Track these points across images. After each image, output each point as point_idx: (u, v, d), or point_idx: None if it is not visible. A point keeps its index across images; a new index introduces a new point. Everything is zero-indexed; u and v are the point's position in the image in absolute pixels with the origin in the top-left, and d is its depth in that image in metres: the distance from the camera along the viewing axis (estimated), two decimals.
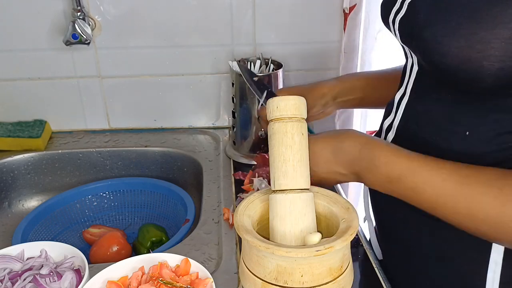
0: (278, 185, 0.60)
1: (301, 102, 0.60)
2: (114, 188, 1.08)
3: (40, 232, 0.97)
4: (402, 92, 0.71)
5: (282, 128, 0.59)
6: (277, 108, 0.60)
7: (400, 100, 0.71)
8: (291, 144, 0.59)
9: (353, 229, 0.56)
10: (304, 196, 0.59)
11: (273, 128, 0.60)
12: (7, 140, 1.09)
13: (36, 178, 1.11)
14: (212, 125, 1.23)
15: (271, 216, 0.60)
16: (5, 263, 0.67)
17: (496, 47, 0.51)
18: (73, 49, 1.10)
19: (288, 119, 0.59)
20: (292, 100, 0.59)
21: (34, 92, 1.15)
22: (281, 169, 0.59)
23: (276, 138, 0.60)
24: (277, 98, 0.60)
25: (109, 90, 1.16)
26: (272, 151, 0.60)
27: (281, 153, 0.59)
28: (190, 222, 0.89)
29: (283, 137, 0.59)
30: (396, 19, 0.65)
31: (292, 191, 0.59)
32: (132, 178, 1.10)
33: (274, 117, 0.60)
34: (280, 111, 0.59)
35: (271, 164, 0.60)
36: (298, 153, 0.59)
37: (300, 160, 0.59)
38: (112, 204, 1.08)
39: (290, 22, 1.12)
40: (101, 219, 1.07)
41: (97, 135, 1.18)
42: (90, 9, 1.07)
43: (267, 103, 0.61)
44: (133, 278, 0.61)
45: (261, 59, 1.05)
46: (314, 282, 0.55)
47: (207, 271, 0.62)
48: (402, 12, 0.64)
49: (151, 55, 1.13)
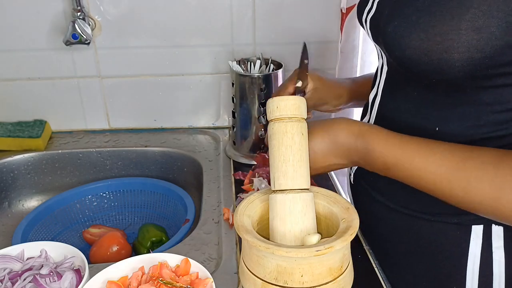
0: (278, 185, 0.60)
1: (301, 102, 0.60)
2: (114, 188, 1.08)
3: (40, 232, 0.97)
4: (375, 93, 0.72)
5: (282, 128, 0.59)
6: (277, 108, 0.60)
7: (374, 100, 0.73)
8: (291, 144, 0.59)
9: (353, 229, 0.56)
10: (304, 196, 0.59)
11: (273, 128, 0.60)
12: (7, 140, 1.09)
13: (36, 178, 1.11)
14: (212, 125, 1.23)
15: (271, 216, 0.61)
16: (5, 263, 0.67)
17: (454, 38, 0.52)
18: (73, 49, 1.10)
19: (288, 119, 0.59)
20: (292, 100, 0.59)
21: (34, 92, 1.15)
22: (281, 169, 0.59)
23: (276, 138, 0.60)
24: (277, 98, 0.60)
25: (109, 90, 1.16)
26: (272, 151, 0.60)
27: (281, 153, 0.59)
28: (190, 222, 0.90)
29: (283, 137, 0.59)
30: (367, 18, 0.67)
31: (292, 191, 0.59)
32: (132, 178, 1.10)
33: (274, 117, 0.60)
34: (280, 111, 0.59)
35: (271, 164, 0.61)
36: (298, 153, 0.59)
37: (300, 160, 0.59)
38: (112, 204, 1.08)
39: (290, 22, 1.12)
40: (102, 219, 1.07)
41: (97, 135, 1.18)
42: (90, 9, 1.07)
43: (267, 103, 0.61)
44: (133, 278, 0.61)
45: (261, 59, 1.05)
46: (314, 282, 0.55)
47: (207, 271, 0.62)
48: (372, 11, 0.66)
49: (151, 55, 1.13)
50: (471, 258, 0.62)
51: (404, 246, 0.70)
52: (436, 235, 0.65)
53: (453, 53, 0.52)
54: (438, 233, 0.65)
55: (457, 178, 0.54)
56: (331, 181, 0.99)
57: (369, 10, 0.67)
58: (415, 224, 0.67)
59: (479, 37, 0.51)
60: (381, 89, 0.71)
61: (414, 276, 0.70)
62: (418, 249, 0.68)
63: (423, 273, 0.69)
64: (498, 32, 0.50)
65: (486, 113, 0.57)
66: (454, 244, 0.63)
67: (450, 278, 0.65)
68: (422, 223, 0.66)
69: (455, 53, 0.52)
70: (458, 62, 0.53)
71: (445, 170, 0.55)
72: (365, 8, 0.68)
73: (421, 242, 0.67)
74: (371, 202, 0.73)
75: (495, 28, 0.50)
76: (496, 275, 0.61)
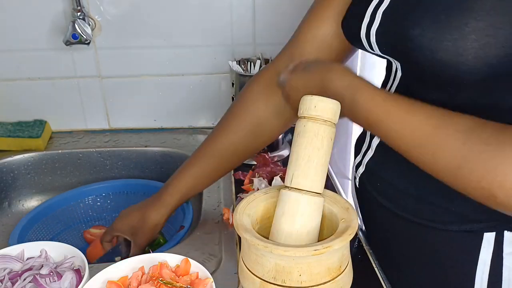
0: (296, 183, 0.59)
1: (338, 108, 0.59)
2: (116, 190, 1.08)
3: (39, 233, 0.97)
4: None
5: (315, 128, 0.58)
6: (314, 107, 0.58)
7: None
8: (319, 147, 0.58)
9: (352, 229, 0.56)
10: (317, 201, 0.59)
11: (304, 126, 0.59)
12: (7, 140, 1.09)
13: (36, 178, 1.11)
14: (212, 125, 1.23)
15: (280, 212, 0.60)
16: (5, 263, 0.66)
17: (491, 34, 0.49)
18: (73, 49, 1.10)
19: (322, 122, 0.58)
20: (332, 104, 0.58)
21: (34, 92, 1.15)
22: (303, 169, 0.59)
23: (306, 136, 0.59)
24: (316, 97, 0.59)
25: (109, 90, 1.17)
26: (298, 148, 0.59)
27: (307, 153, 0.58)
28: (185, 230, 0.88)
29: (313, 138, 0.58)
30: (370, 32, 0.63)
31: (308, 192, 0.59)
32: (135, 180, 1.10)
33: (309, 115, 0.59)
34: (317, 111, 0.58)
35: (292, 160, 0.59)
36: (323, 158, 0.59)
37: (323, 164, 0.59)
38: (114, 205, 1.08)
39: (290, 22, 1.12)
40: (104, 219, 1.06)
41: (97, 135, 1.18)
42: (90, 9, 1.07)
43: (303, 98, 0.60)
44: (133, 278, 0.61)
45: (261, 59, 1.05)
46: (312, 282, 0.54)
47: (207, 271, 0.62)
48: (375, 23, 0.62)
49: (151, 55, 1.13)
50: (480, 265, 0.61)
51: (410, 252, 0.69)
52: (444, 243, 0.64)
53: (491, 49, 0.50)
54: (447, 241, 0.63)
55: (429, 142, 0.53)
56: (331, 181, 0.99)
57: (369, 23, 0.63)
58: (423, 231, 0.65)
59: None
60: None
61: (419, 282, 0.69)
62: (425, 255, 0.67)
63: (429, 279, 0.68)
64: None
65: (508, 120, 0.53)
66: (464, 252, 0.62)
67: (457, 285, 0.64)
68: (430, 231, 0.64)
69: (493, 49, 0.50)
70: (494, 59, 0.50)
71: (418, 135, 0.54)
72: (362, 23, 0.64)
73: (428, 249, 0.66)
74: (377, 208, 0.72)
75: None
76: (505, 281, 0.61)
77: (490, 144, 0.48)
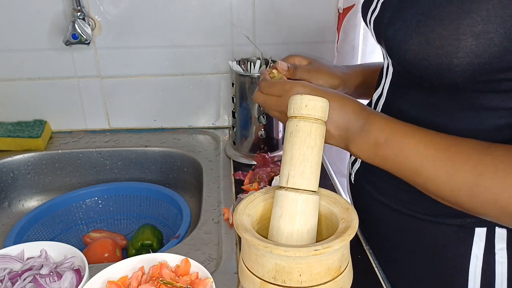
0: (293, 183, 0.59)
1: (327, 105, 0.60)
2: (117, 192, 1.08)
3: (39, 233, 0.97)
4: (379, 93, 0.72)
5: (308, 127, 0.59)
6: (305, 106, 0.59)
7: (378, 100, 0.72)
8: (313, 146, 0.59)
9: (352, 230, 0.56)
10: (314, 199, 0.59)
11: (297, 125, 0.59)
12: (7, 140, 1.09)
13: (36, 178, 1.11)
14: (212, 125, 1.23)
15: (277, 213, 0.60)
16: (5, 263, 0.67)
17: (453, 43, 0.52)
18: (73, 49, 1.10)
19: (314, 120, 0.59)
20: (321, 102, 0.59)
21: (34, 92, 1.15)
22: (299, 168, 0.59)
23: (299, 136, 0.59)
24: (306, 96, 0.59)
25: (109, 90, 1.17)
26: (292, 148, 0.59)
27: (301, 152, 0.59)
28: (180, 238, 0.88)
29: (307, 137, 0.59)
30: (371, 19, 0.67)
31: (305, 191, 0.59)
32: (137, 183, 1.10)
33: (300, 115, 0.59)
34: (308, 110, 0.59)
35: (287, 160, 0.60)
36: (317, 156, 0.59)
37: (317, 162, 0.59)
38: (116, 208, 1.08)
39: (290, 22, 1.12)
40: (105, 221, 1.07)
41: (97, 135, 1.18)
42: (90, 9, 1.07)
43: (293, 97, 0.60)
44: (133, 278, 0.61)
45: (261, 59, 1.05)
46: (312, 282, 0.55)
47: (207, 271, 0.62)
48: (376, 12, 0.65)
49: (151, 55, 1.13)
50: (473, 260, 0.62)
51: (405, 246, 0.70)
52: (438, 237, 0.65)
53: (453, 58, 0.52)
54: (440, 235, 0.64)
55: (442, 159, 0.54)
56: (331, 181, 0.99)
57: (373, 10, 0.67)
58: (417, 225, 0.66)
59: (478, 43, 0.50)
60: (386, 89, 0.70)
61: (415, 277, 0.70)
62: (419, 250, 0.68)
63: (424, 274, 0.69)
64: (497, 38, 0.50)
65: (489, 118, 0.57)
66: (456, 246, 0.63)
67: (452, 279, 0.65)
68: (424, 224, 0.66)
69: (454, 58, 0.52)
70: (457, 67, 0.53)
71: (432, 152, 0.55)
72: (370, 8, 0.68)
73: (423, 243, 0.67)
74: (372, 203, 0.73)
75: (494, 34, 0.50)
76: (498, 276, 0.61)
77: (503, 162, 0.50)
